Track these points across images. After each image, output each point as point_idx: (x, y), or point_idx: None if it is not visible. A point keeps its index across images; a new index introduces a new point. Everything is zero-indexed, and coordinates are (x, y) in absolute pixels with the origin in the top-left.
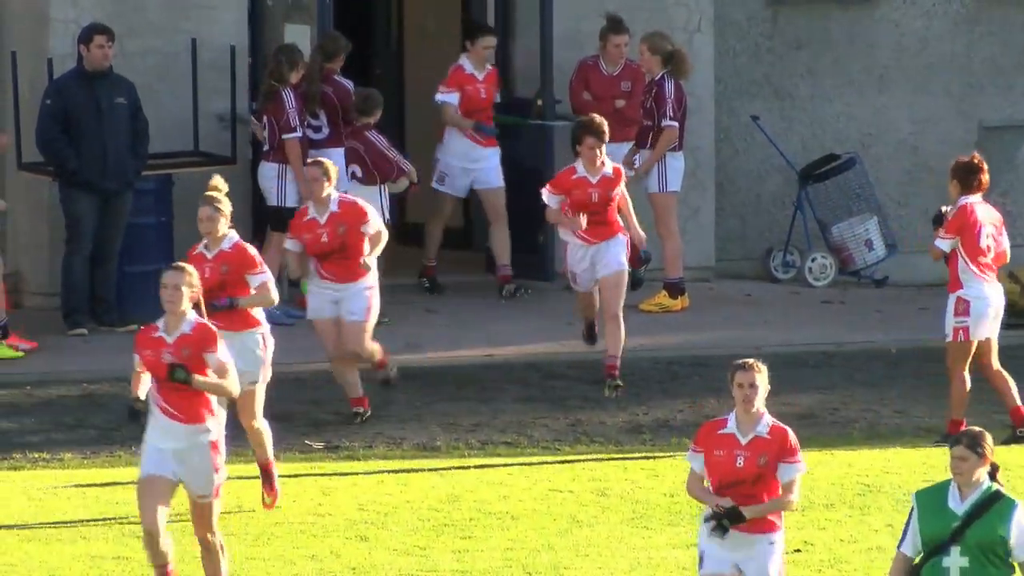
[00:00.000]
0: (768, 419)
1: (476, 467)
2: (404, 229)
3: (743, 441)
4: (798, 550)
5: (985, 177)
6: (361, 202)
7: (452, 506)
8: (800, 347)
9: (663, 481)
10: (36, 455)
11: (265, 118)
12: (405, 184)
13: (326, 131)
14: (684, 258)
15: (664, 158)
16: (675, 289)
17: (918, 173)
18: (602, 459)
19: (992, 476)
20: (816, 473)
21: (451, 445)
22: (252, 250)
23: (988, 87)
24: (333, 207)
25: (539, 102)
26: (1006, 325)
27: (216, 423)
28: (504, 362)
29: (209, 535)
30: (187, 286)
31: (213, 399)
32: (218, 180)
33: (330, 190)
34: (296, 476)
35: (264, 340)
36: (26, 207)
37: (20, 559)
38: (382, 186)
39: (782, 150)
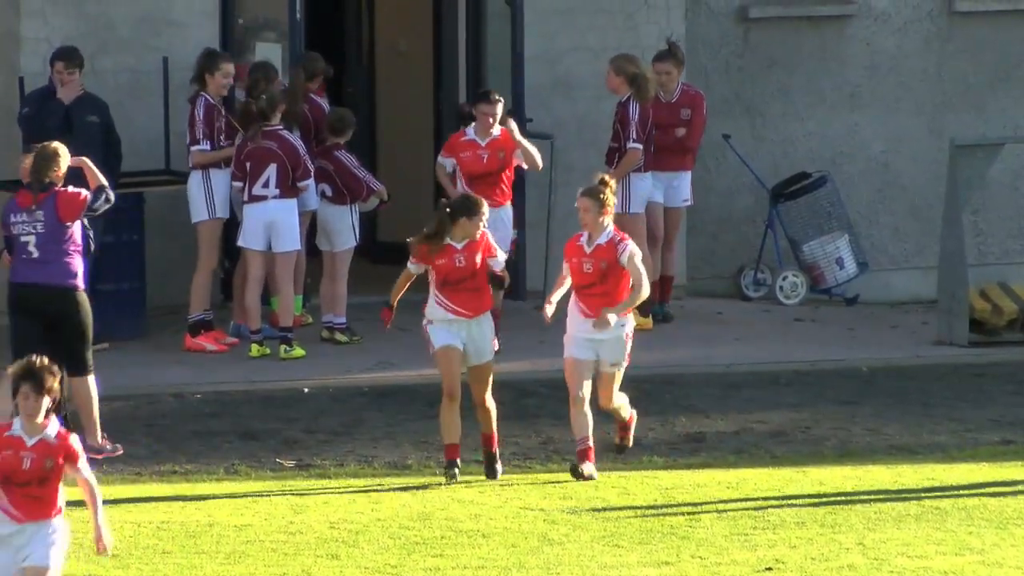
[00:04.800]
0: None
1: (447, 485)
2: (375, 248)
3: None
4: (769, 568)
5: None
6: None
7: (423, 524)
8: (771, 365)
9: (634, 499)
10: None
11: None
12: (375, 203)
13: None
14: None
15: (629, 180)
16: (646, 308)
17: (889, 191)
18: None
19: None
20: (788, 491)
21: (423, 463)
22: None
23: (959, 105)
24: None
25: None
26: (974, 343)
27: None
28: None
29: None
30: None
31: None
32: None
33: None
34: (267, 494)
35: None
36: None
37: None
38: (352, 205)
39: (753, 168)
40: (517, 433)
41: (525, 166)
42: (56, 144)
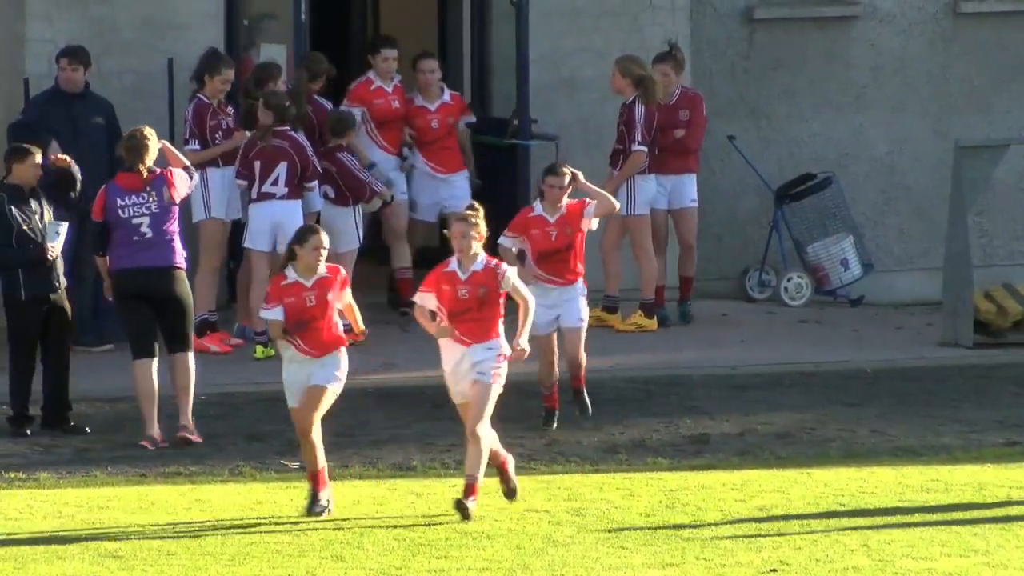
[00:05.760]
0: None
1: (452, 487)
2: (378, 249)
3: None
4: (774, 570)
5: None
6: None
7: (428, 526)
8: (776, 367)
9: (639, 500)
10: (12, 475)
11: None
12: (378, 204)
13: None
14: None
15: (634, 181)
16: (651, 309)
17: (894, 192)
18: (578, 478)
19: None
20: (792, 492)
21: (427, 465)
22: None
23: (964, 106)
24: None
25: (515, 122)
26: (978, 345)
27: None
28: None
29: None
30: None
31: None
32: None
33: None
34: (272, 496)
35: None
36: None
37: None
38: (355, 206)
39: (758, 170)
40: (521, 435)
41: (595, 223)
42: (146, 128)
